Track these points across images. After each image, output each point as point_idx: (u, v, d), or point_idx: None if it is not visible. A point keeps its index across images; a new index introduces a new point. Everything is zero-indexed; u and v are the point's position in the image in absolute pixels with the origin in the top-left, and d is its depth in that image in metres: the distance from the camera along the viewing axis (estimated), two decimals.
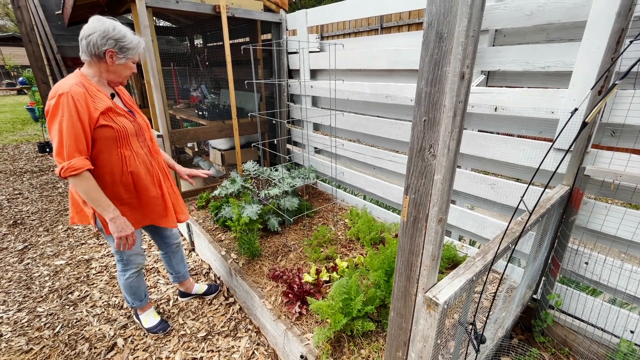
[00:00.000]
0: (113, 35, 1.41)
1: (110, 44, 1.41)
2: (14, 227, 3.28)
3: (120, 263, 1.78)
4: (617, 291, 1.61)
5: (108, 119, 1.45)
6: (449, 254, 2.16)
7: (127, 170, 1.53)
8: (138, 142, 1.58)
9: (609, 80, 1.42)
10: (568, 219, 1.63)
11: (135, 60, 1.53)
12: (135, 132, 1.55)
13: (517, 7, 1.72)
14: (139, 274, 1.85)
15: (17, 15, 4.90)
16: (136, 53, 1.50)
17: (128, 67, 1.52)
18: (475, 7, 0.63)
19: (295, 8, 9.21)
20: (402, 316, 0.97)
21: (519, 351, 1.70)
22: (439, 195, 0.77)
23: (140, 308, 1.99)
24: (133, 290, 1.87)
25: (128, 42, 1.45)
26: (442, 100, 0.71)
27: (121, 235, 1.50)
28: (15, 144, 6.69)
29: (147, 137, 1.66)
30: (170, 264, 2.07)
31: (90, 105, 1.38)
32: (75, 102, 1.33)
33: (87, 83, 1.44)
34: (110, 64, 1.46)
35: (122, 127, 1.49)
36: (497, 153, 1.92)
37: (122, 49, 1.44)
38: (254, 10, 3.22)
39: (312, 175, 3.16)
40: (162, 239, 1.97)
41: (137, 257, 1.79)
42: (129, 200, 1.60)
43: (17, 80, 15.86)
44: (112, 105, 1.47)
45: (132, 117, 1.58)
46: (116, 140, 1.48)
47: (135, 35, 1.50)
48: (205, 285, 2.23)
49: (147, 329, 1.98)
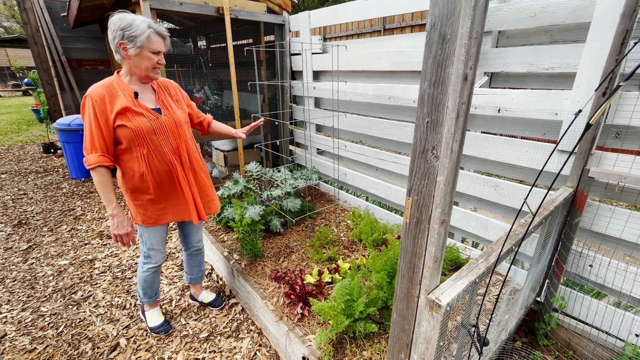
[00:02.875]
0: (120, 26, 1.39)
1: (119, 35, 1.41)
2: (19, 227, 3.31)
3: (142, 254, 1.82)
4: (622, 294, 1.59)
5: (125, 118, 1.47)
6: (452, 255, 2.15)
7: (145, 167, 1.56)
8: (158, 140, 1.56)
9: (613, 81, 1.41)
10: (572, 221, 1.62)
11: (152, 49, 1.47)
12: (154, 130, 1.54)
13: (521, 8, 1.72)
14: (155, 271, 1.86)
15: (22, 17, 4.95)
16: (145, 39, 1.42)
17: (144, 57, 1.47)
18: (478, 8, 0.63)
19: (298, 10, 9.24)
20: (405, 318, 0.97)
21: (523, 354, 1.69)
22: (441, 197, 0.77)
23: (147, 304, 2.00)
24: (147, 285, 1.89)
25: (134, 29, 1.40)
26: (445, 102, 0.71)
27: (115, 232, 1.57)
28: (20, 144, 6.74)
29: (174, 134, 1.63)
30: (188, 264, 2.09)
31: (107, 107, 1.44)
32: (93, 103, 1.42)
33: (117, 83, 1.49)
34: (127, 57, 1.46)
35: (137, 127, 1.49)
36: (500, 154, 1.91)
37: (129, 38, 1.41)
38: (257, 12, 3.24)
39: (315, 177, 3.16)
40: (184, 237, 1.99)
41: (156, 254, 1.80)
42: (150, 195, 1.63)
43: (22, 82, 16.02)
44: (130, 105, 1.48)
45: (155, 116, 1.56)
46: (134, 139, 1.51)
47: (146, 21, 1.44)
48: (213, 295, 2.20)
49: (150, 328, 1.98)
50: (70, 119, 4.38)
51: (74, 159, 4.52)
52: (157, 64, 1.52)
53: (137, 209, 1.65)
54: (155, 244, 1.76)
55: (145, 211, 1.65)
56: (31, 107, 9.36)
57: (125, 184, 1.61)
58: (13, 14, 25.71)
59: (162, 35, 1.51)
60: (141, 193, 1.62)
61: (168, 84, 1.72)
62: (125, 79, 1.53)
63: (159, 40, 1.49)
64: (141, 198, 1.62)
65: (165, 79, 1.75)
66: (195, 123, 1.91)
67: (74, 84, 5.17)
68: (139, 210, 1.65)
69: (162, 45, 1.52)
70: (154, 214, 1.67)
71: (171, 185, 1.66)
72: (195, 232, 1.99)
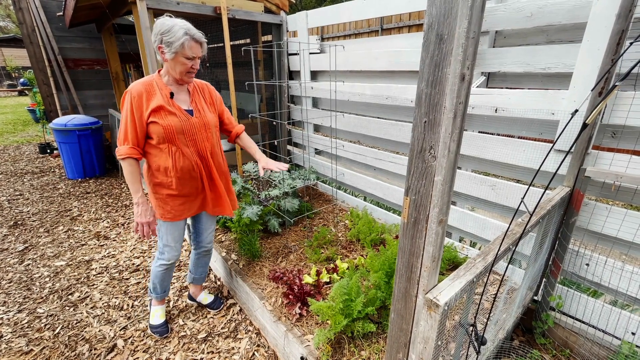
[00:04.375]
0: (160, 30, 1.46)
1: (158, 39, 1.48)
2: (15, 228, 3.28)
3: (158, 249, 1.87)
4: (618, 293, 1.60)
5: (158, 116, 1.55)
6: (450, 255, 2.16)
7: (171, 163, 1.63)
8: (185, 140, 1.64)
9: (609, 81, 1.42)
10: (569, 220, 1.63)
11: (186, 55, 1.51)
12: (183, 131, 1.61)
13: (518, 8, 1.73)
14: (167, 268, 1.88)
15: (18, 17, 4.91)
16: (179, 46, 1.47)
17: (178, 62, 1.51)
18: (475, 8, 0.63)
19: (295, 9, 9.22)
20: (403, 317, 0.97)
21: (520, 353, 1.69)
22: (439, 197, 0.77)
23: (155, 299, 2.02)
24: (157, 280, 1.92)
25: (171, 35, 1.45)
26: (442, 102, 0.71)
27: (138, 220, 1.64)
28: (16, 145, 6.70)
29: (202, 136, 1.69)
30: (194, 263, 2.10)
31: (144, 103, 1.53)
32: (131, 99, 1.52)
33: (157, 81, 1.58)
34: (164, 60, 1.53)
35: (168, 125, 1.56)
36: (498, 154, 1.92)
37: (167, 43, 1.47)
38: (254, 12, 3.23)
39: (313, 177, 3.16)
40: (197, 236, 2.01)
41: (170, 251, 1.82)
42: (171, 191, 1.69)
43: (18, 82, 15.91)
44: (165, 104, 1.56)
45: (186, 117, 1.63)
46: (164, 136, 1.58)
47: (184, 28, 1.48)
48: (211, 296, 2.20)
49: (150, 325, 2.00)
50: (66, 119, 4.36)
51: (70, 160, 4.49)
52: (191, 68, 1.57)
53: (157, 202, 1.71)
54: (170, 240, 1.80)
55: (165, 205, 1.71)
56: (27, 107, 9.30)
57: (150, 177, 1.69)
58: (8, 13, 25.53)
59: (198, 42, 1.54)
60: (163, 187, 1.68)
61: (204, 86, 1.79)
62: (164, 78, 1.61)
63: (195, 46, 1.53)
64: (162, 192, 1.69)
65: (202, 81, 1.80)
66: (224, 129, 1.93)
67: (70, 84, 5.14)
68: (159, 203, 1.71)
69: (199, 50, 1.56)
70: (172, 209, 1.72)
71: (192, 183, 1.73)
72: (208, 232, 2.00)
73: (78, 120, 4.38)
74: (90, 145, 4.51)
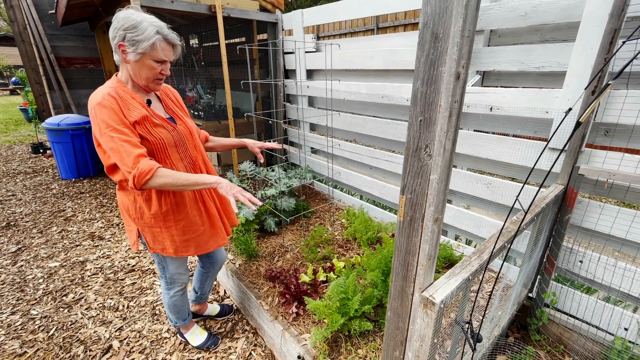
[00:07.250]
0: (123, 25, 1.19)
1: (120, 35, 1.19)
2: (7, 229, 3.24)
3: (163, 281, 1.65)
4: (611, 289, 1.62)
5: (144, 130, 1.27)
6: (446, 253, 2.17)
7: None
8: (178, 154, 1.39)
9: (602, 80, 1.43)
10: (563, 217, 1.64)
11: (158, 58, 1.25)
12: (174, 143, 1.37)
13: (512, 7, 1.74)
14: (183, 292, 1.71)
15: (9, 15, 4.84)
16: (149, 47, 1.20)
17: (145, 65, 1.25)
18: (470, 7, 0.63)
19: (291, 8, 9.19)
20: (399, 316, 0.97)
21: (515, 349, 1.71)
22: (435, 195, 0.77)
23: (183, 327, 1.87)
24: (177, 309, 1.73)
25: (138, 33, 1.19)
26: (437, 100, 0.71)
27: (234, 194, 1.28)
28: (8, 144, 6.61)
29: (191, 145, 1.46)
30: (202, 281, 1.90)
31: (124, 116, 1.22)
32: (111, 106, 1.20)
33: (121, 90, 1.27)
34: (125, 62, 1.25)
35: (159, 140, 1.31)
36: (493, 153, 1.93)
37: (131, 42, 1.19)
38: (249, 10, 3.22)
39: (309, 176, 3.16)
40: (209, 257, 1.82)
41: (182, 276, 1.65)
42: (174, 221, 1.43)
43: (10, 81, 15.69)
44: (149, 114, 1.29)
45: (172, 126, 1.38)
46: (153, 154, 1.30)
47: (155, 25, 1.22)
48: (218, 306, 2.09)
49: (197, 347, 1.86)
50: (59, 118, 4.31)
51: (63, 159, 4.44)
52: (160, 74, 1.31)
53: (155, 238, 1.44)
54: (179, 266, 1.61)
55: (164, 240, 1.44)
56: (19, 107, 9.18)
57: (138, 212, 1.40)
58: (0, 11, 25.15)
59: (172, 44, 1.29)
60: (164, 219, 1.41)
61: (167, 89, 1.52)
62: (128, 85, 1.31)
63: (167, 48, 1.27)
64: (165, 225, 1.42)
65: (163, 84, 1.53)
66: None
67: (63, 83, 5.08)
68: (157, 239, 1.45)
69: (171, 54, 1.30)
70: (173, 244, 1.46)
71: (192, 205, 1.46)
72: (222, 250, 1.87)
73: (71, 119, 4.33)
74: (84, 145, 4.46)
